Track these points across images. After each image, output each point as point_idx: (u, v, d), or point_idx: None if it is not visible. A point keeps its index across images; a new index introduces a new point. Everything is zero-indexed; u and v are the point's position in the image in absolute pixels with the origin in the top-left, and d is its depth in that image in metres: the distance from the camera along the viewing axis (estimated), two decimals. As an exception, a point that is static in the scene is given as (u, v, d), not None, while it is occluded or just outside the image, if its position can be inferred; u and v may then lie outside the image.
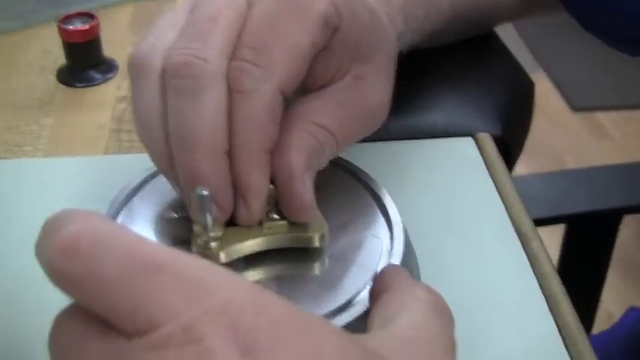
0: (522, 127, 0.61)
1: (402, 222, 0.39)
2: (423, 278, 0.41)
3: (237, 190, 0.35)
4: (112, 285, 0.24)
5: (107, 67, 0.57)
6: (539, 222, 0.90)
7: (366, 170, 0.42)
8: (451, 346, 0.29)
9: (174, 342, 0.22)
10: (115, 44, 0.60)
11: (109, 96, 0.55)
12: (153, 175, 0.41)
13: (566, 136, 2.17)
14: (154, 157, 0.37)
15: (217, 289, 0.24)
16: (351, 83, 0.39)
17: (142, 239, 0.25)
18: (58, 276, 0.25)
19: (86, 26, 0.55)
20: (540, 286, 0.43)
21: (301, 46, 0.36)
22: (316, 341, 0.24)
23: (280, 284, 0.36)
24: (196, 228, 0.35)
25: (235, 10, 0.36)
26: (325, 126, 0.37)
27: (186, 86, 0.34)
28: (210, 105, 0.34)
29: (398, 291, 0.32)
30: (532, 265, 0.44)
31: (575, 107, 2.26)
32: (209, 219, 0.34)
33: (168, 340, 0.22)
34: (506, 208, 0.47)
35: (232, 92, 0.35)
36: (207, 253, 0.35)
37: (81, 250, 0.24)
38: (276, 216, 0.36)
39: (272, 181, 0.36)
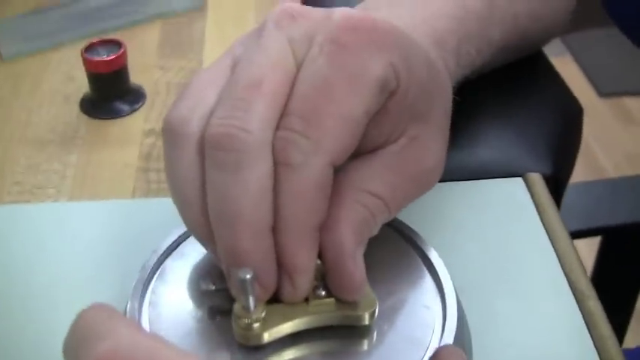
0: (571, 159, 0.57)
1: (454, 288, 0.37)
2: (474, 340, 0.39)
3: (282, 267, 0.32)
4: None
5: (134, 97, 0.55)
6: (575, 234, 0.87)
7: (409, 215, 0.39)
8: None
9: None
10: (142, 68, 0.58)
11: (136, 129, 0.53)
12: (186, 236, 0.39)
13: (592, 122, 2.12)
14: (191, 228, 0.34)
15: None
16: (405, 145, 0.36)
17: (182, 356, 0.24)
18: None
19: (112, 56, 0.52)
20: (596, 348, 0.40)
21: (355, 116, 0.32)
22: None
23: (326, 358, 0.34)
24: (237, 308, 0.33)
25: (283, 74, 0.33)
26: (378, 194, 0.34)
27: (227, 160, 0.31)
28: (254, 181, 0.31)
29: None
30: (588, 326, 0.41)
31: (603, 93, 2.21)
32: (252, 301, 0.32)
33: None
34: (560, 261, 0.44)
35: (278, 165, 0.32)
36: (249, 334, 0.33)
37: None
38: (323, 292, 0.34)
39: (319, 256, 0.33)
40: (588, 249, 0.85)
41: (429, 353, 0.34)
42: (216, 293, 0.35)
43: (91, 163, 0.50)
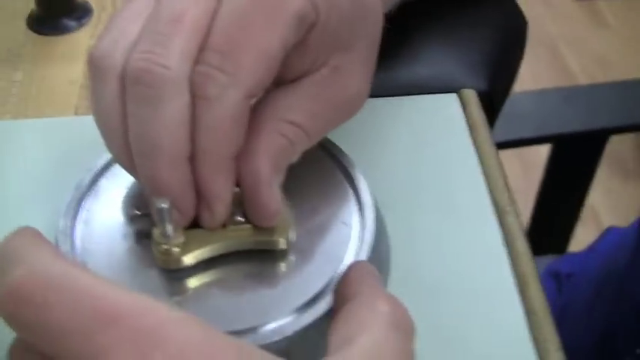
0: (511, 74, 0.59)
1: (375, 203, 0.39)
2: (393, 256, 0.41)
3: (200, 195, 0.34)
4: (63, 334, 0.24)
5: (81, 13, 0.55)
6: (526, 142, 0.89)
7: (338, 130, 0.40)
8: None
9: None
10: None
11: (82, 45, 0.53)
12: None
13: (563, 24, 2.12)
14: (116, 158, 0.36)
15: (169, 340, 0.24)
16: (327, 75, 0.37)
17: (96, 282, 0.25)
18: (8, 318, 0.25)
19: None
20: (512, 263, 0.42)
21: (272, 49, 0.33)
22: None
23: (243, 283, 0.36)
24: (156, 234, 0.34)
25: (204, 7, 0.34)
26: (297, 123, 0.36)
27: (146, 94, 0.33)
28: (172, 114, 0.33)
29: (360, 303, 0.31)
30: (506, 242, 0.43)
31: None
32: (169, 229, 0.34)
33: None
34: (485, 178, 0.46)
35: (196, 98, 0.33)
36: (168, 259, 0.35)
37: (30, 297, 0.24)
38: (240, 218, 0.36)
39: (237, 184, 0.35)
40: (540, 156, 0.87)
41: (342, 268, 0.35)
42: (142, 218, 0.37)
43: (36, 80, 0.51)
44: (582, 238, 0.97)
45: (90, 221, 0.38)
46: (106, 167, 0.40)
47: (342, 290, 0.33)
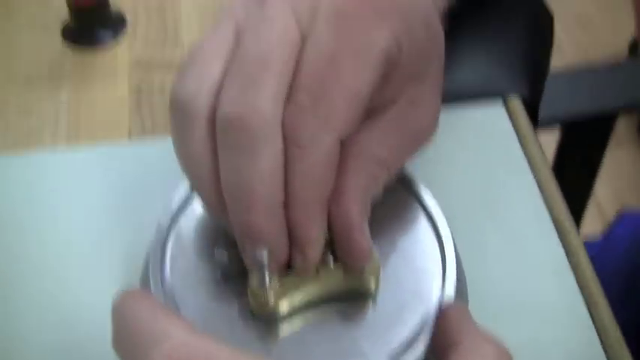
0: (544, 75, 0.59)
1: (451, 233, 0.39)
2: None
3: (293, 240, 0.34)
4: None
5: (117, 24, 0.54)
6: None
7: None
8: None
9: None
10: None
11: (123, 60, 0.53)
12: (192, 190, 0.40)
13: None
14: (205, 203, 0.36)
15: None
16: (404, 107, 0.37)
17: (235, 356, 0.26)
18: None
19: (94, -12, 0.51)
20: (578, 283, 0.44)
21: (362, 90, 0.33)
22: None
23: (336, 326, 0.36)
24: (253, 283, 0.34)
25: (290, 48, 0.33)
26: (380, 159, 0.36)
27: (239, 141, 0.32)
28: (267, 161, 0.32)
29: (467, 352, 0.32)
30: (569, 260, 0.44)
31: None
32: (267, 278, 0.34)
33: None
34: (542, 193, 0.47)
35: (289, 144, 0.33)
36: (265, 308, 0.35)
37: None
38: (331, 260, 0.36)
39: (328, 226, 0.35)
40: (550, 138, 0.88)
41: (432, 306, 0.36)
42: (230, 261, 0.37)
43: (83, 101, 0.50)
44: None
45: (175, 266, 0.38)
46: (183, 205, 0.40)
47: (444, 339, 0.33)
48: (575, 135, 0.86)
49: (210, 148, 0.34)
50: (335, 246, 0.35)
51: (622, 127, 1.67)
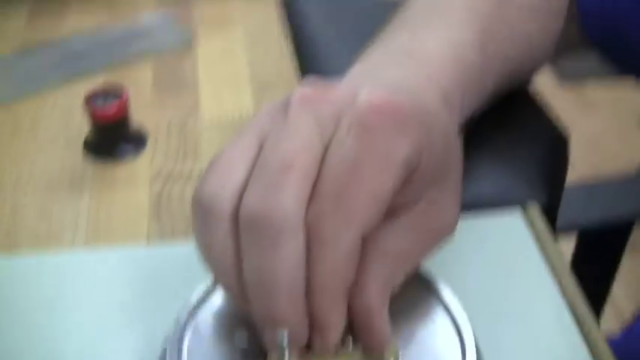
0: (561, 186, 0.60)
1: (471, 329, 0.39)
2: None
3: (314, 324, 0.35)
4: None
5: (137, 140, 0.56)
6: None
7: None
8: None
9: None
10: (140, 107, 0.58)
11: (143, 172, 0.54)
12: (212, 288, 0.40)
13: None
14: (227, 292, 0.37)
15: None
16: (425, 208, 0.38)
17: None
18: None
19: (115, 105, 0.53)
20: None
21: (383, 194, 0.34)
22: None
23: None
24: None
25: (312, 155, 0.34)
26: (400, 254, 0.37)
27: (263, 238, 0.33)
28: (289, 255, 0.33)
29: None
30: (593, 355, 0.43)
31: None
32: (286, 358, 0.34)
33: None
34: (563, 295, 0.47)
35: (312, 240, 0.34)
36: None
37: None
38: (350, 342, 0.36)
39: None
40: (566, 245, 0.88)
41: None
42: (249, 340, 0.37)
43: (102, 208, 0.51)
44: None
45: (192, 357, 0.37)
46: (200, 301, 0.40)
47: None
48: (592, 243, 0.87)
49: (233, 243, 0.35)
50: (354, 330, 0.36)
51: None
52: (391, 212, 0.37)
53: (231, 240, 0.35)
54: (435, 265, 0.43)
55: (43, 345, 0.43)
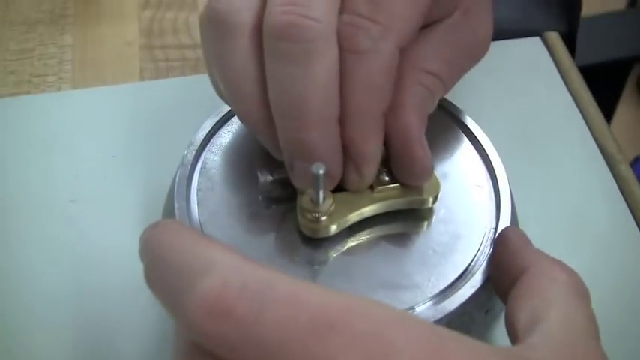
0: (577, 15, 0.56)
1: (503, 167, 0.36)
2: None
3: (348, 156, 0.31)
4: (276, 351, 0.21)
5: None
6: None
7: None
8: (596, 331, 0.27)
9: None
10: None
11: (129, 5, 0.49)
12: (220, 123, 0.37)
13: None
14: (248, 122, 0.32)
15: (398, 347, 0.21)
16: (459, 19, 0.34)
17: (296, 285, 0.22)
18: (203, 335, 0.21)
19: None
20: (631, 211, 0.41)
21: None
22: None
23: (389, 248, 0.33)
24: (304, 202, 0.31)
25: None
26: (436, 73, 0.33)
27: (293, 51, 0.29)
28: (322, 71, 0.29)
29: (536, 276, 0.29)
30: (621, 190, 0.41)
31: None
32: (321, 195, 0.31)
33: None
34: (587, 125, 0.44)
35: (346, 52, 0.30)
36: (317, 227, 0.32)
37: (233, 312, 0.21)
38: (386, 178, 0.33)
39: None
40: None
41: (488, 235, 0.33)
42: (273, 183, 0.34)
43: (89, 44, 0.47)
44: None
45: (205, 200, 0.34)
46: (207, 140, 0.36)
47: (507, 266, 0.30)
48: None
49: (255, 59, 0.31)
50: (392, 163, 0.33)
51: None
52: (426, 27, 0.34)
53: (253, 59, 0.31)
54: (456, 94, 0.40)
55: (35, 185, 0.40)
